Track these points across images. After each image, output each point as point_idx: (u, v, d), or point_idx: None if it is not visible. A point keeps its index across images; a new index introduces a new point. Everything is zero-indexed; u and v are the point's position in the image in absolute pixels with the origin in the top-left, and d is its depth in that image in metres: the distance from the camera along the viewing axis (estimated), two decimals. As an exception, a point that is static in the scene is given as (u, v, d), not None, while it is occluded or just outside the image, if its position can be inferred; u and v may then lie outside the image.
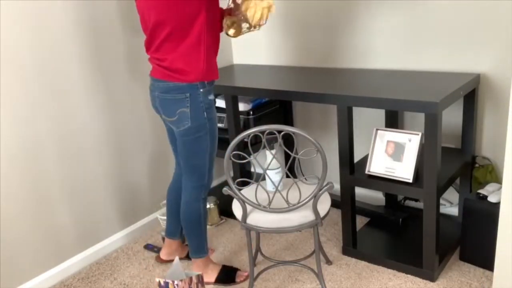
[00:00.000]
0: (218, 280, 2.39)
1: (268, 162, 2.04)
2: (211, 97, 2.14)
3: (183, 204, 2.30)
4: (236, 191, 2.01)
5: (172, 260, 2.56)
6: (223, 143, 2.87)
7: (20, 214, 2.33)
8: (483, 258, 2.28)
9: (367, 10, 2.66)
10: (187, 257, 2.58)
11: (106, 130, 2.66)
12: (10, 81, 2.21)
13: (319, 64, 2.95)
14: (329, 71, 2.80)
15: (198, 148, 2.15)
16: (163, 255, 2.61)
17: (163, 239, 2.65)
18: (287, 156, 3.22)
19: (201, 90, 2.07)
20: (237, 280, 2.39)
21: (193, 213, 2.28)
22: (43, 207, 2.43)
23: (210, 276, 2.39)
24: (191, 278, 2.07)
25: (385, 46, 2.66)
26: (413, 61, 2.59)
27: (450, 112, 2.56)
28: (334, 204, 2.90)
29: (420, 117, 2.65)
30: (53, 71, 2.37)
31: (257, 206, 2.02)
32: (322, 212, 2.06)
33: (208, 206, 2.91)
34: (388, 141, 2.28)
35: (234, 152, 1.97)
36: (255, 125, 2.81)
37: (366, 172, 2.32)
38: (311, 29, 2.91)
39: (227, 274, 2.41)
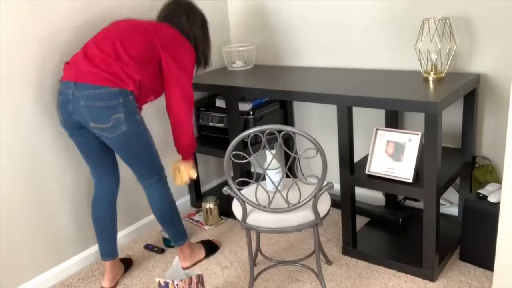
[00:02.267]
0: (208, 254, 2.61)
1: (268, 162, 2.04)
2: (136, 103, 2.18)
3: (155, 201, 2.35)
4: (236, 191, 2.01)
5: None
6: (223, 143, 2.88)
7: (20, 214, 2.33)
8: (483, 258, 2.28)
9: (366, 9, 2.67)
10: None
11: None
12: (10, 81, 2.21)
13: (319, 64, 2.95)
14: (329, 71, 2.80)
15: (143, 145, 2.22)
16: (108, 283, 2.40)
17: (164, 239, 2.71)
18: (287, 156, 3.23)
19: (131, 96, 2.11)
20: (218, 246, 2.68)
21: (167, 204, 2.37)
22: (43, 207, 2.43)
23: (200, 254, 2.58)
24: (191, 278, 2.07)
25: (385, 45, 2.67)
26: (413, 61, 2.60)
27: (450, 112, 2.56)
28: (334, 204, 2.91)
29: (420, 117, 2.65)
30: (54, 71, 2.37)
31: (257, 206, 2.02)
32: (322, 212, 2.06)
33: (207, 206, 2.91)
34: (388, 141, 2.28)
35: (234, 152, 1.97)
36: (255, 125, 2.81)
37: (366, 172, 2.32)
38: (311, 28, 2.92)
39: (209, 245, 2.64)
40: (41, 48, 2.30)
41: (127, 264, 2.58)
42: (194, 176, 2.39)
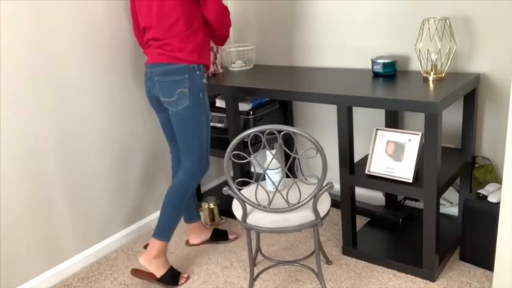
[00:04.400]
0: (162, 280, 2.37)
1: (268, 162, 2.04)
2: (205, 80, 2.33)
3: (176, 182, 2.38)
4: (236, 191, 2.01)
5: (202, 243, 2.73)
6: (223, 143, 2.88)
7: (20, 214, 2.33)
8: (483, 258, 2.28)
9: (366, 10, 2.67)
10: (212, 239, 2.74)
11: (107, 130, 2.66)
12: (10, 81, 2.21)
13: (319, 64, 2.95)
14: (329, 71, 2.80)
15: (195, 127, 2.30)
16: (192, 239, 2.75)
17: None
18: (287, 156, 3.23)
19: (198, 72, 2.26)
20: (180, 283, 2.41)
21: (180, 194, 2.37)
22: (43, 207, 2.43)
23: (159, 270, 2.37)
24: None
25: (385, 45, 2.67)
26: (413, 61, 2.60)
27: (450, 112, 2.56)
28: (334, 204, 2.91)
29: (420, 117, 2.65)
30: (54, 71, 2.37)
31: (257, 206, 2.02)
32: (322, 212, 2.06)
33: (206, 206, 2.91)
34: (388, 141, 2.28)
35: (234, 152, 1.97)
36: (255, 125, 2.81)
37: (366, 172, 2.32)
38: (310, 28, 2.92)
39: (173, 276, 2.40)
40: (40, 47, 2.31)
41: (223, 235, 2.75)
42: None
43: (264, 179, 2.10)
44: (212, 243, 2.76)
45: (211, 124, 2.97)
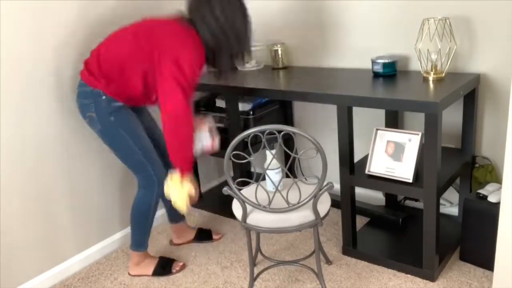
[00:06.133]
0: (155, 273, 2.48)
1: (268, 162, 2.04)
2: (116, 104, 2.20)
3: (135, 199, 2.40)
4: (236, 191, 2.01)
5: (184, 243, 2.76)
6: (223, 143, 2.88)
7: (20, 214, 2.33)
8: (483, 258, 2.28)
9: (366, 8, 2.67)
10: (196, 239, 2.77)
11: (106, 130, 2.66)
12: (10, 81, 2.21)
13: (318, 64, 2.95)
14: (329, 71, 2.80)
15: (120, 149, 2.26)
16: (175, 239, 2.78)
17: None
18: (287, 156, 3.23)
19: (103, 97, 2.16)
20: (173, 270, 2.49)
21: (142, 209, 2.39)
22: (43, 207, 2.43)
23: (147, 269, 2.49)
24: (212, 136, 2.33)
25: (385, 45, 2.67)
26: (413, 61, 2.60)
27: (450, 112, 2.56)
28: (334, 204, 2.91)
29: (420, 117, 2.65)
30: (54, 71, 2.37)
31: (257, 206, 2.02)
32: (322, 212, 2.06)
33: None
34: (388, 141, 2.28)
35: (234, 152, 1.97)
36: (255, 125, 2.81)
37: (366, 172, 2.32)
38: (310, 28, 2.92)
39: (163, 266, 2.50)
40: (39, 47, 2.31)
41: (207, 234, 2.77)
42: (193, 193, 2.20)
43: (264, 179, 2.10)
44: (196, 242, 2.78)
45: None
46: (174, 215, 2.69)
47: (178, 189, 2.15)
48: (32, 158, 2.34)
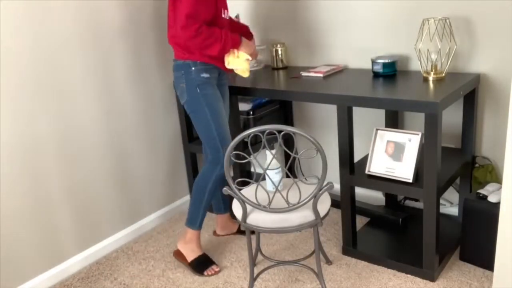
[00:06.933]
0: (191, 264, 2.50)
1: (268, 162, 2.04)
2: (204, 75, 2.34)
3: (200, 172, 2.47)
4: (236, 191, 2.01)
5: (227, 235, 2.81)
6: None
7: (20, 214, 2.33)
8: (483, 258, 2.28)
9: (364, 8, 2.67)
10: (239, 232, 2.81)
11: (107, 130, 2.66)
12: (11, 81, 2.21)
13: (318, 64, 2.95)
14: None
15: (199, 122, 2.37)
16: (218, 230, 2.83)
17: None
18: (287, 156, 3.23)
19: (193, 68, 2.30)
20: (205, 273, 2.47)
21: (202, 184, 2.43)
22: (43, 207, 2.43)
23: (190, 254, 2.52)
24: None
25: (385, 45, 2.67)
26: (413, 61, 2.60)
27: (450, 112, 2.56)
28: (334, 204, 2.91)
29: (420, 117, 2.65)
30: (54, 71, 2.37)
31: (257, 206, 2.02)
32: (322, 212, 2.06)
33: None
34: (388, 141, 2.28)
35: (234, 152, 1.97)
36: (255, 125, 2.81)
37: (366, 172, 2.32)
38: (310, 28, 2.92)
39: (201, 263, 2.49)
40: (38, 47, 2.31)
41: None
42: (246, 57, 2.40)
43: (264, 179, 2.10)
44: (239, 235, 2.82)
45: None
46: (217, 206, 2.75)
47: (236, 59, 2.39)
48: (32, 158, 2.34)
